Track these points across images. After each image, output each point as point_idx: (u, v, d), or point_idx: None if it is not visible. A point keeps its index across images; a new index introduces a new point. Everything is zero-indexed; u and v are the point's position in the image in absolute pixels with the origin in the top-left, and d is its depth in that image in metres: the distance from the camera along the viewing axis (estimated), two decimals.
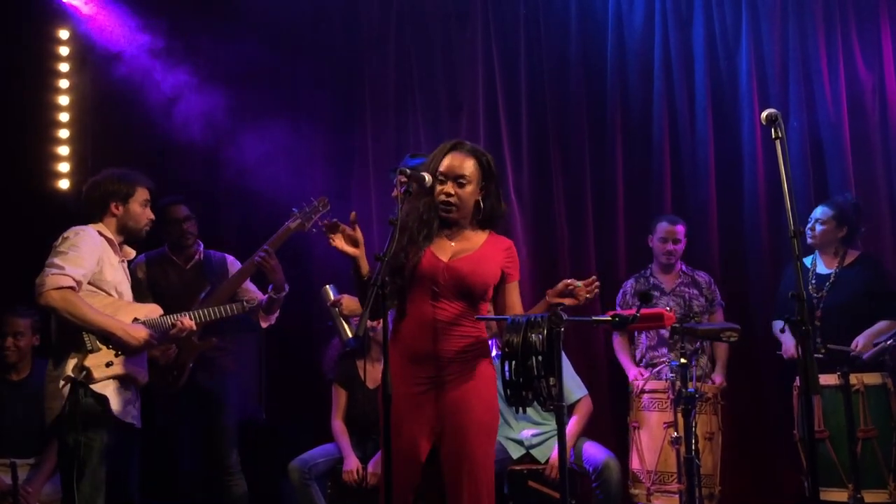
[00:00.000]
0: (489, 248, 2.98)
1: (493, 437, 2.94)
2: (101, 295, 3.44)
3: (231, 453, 4.21)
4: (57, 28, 5.40)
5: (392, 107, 5.57)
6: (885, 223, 5.14)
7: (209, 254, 4.44)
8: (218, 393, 4.24)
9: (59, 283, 3.26)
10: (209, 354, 4.22)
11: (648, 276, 4.91)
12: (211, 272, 4.32)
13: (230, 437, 4.24)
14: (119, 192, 3.60)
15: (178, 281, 4.31)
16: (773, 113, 2.93)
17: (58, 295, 3.26)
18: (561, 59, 5.57)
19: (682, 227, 4.87)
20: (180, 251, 4.38)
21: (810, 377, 2.70)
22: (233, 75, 5.33)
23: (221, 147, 5.34)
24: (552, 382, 2.55)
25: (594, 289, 2.82)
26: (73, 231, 3.46)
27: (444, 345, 2.85)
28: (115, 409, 3.34)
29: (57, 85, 5.39)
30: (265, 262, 4.03)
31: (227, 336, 4.36)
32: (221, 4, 5.54)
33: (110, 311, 3.42)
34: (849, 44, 5.31)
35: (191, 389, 4.18)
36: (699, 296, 4.79)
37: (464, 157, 2.94)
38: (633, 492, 4.31)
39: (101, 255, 3.46)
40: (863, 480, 3.88)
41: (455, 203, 2.91)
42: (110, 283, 3.47)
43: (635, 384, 4.43)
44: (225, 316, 3.94)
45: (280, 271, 4.06)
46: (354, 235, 2.82)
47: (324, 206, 4.11)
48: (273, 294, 4.08)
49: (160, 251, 4.42)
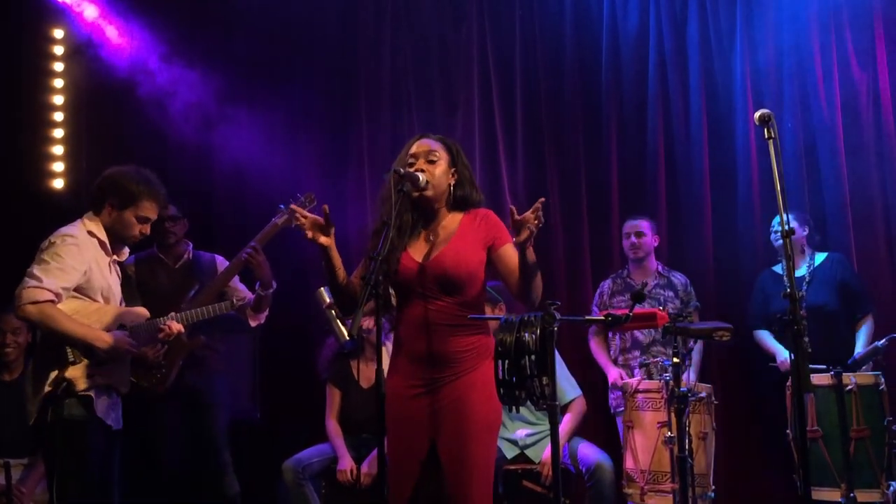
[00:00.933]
0: (466, 229, 2.93)
1: (494, 435, 2.91)
2: (87, 301, 3.35)
3: (222, 453, 4.20)
4: (51, 27, 5.41)
5: (387, 107, 5.58)
6: (878, 224, 5.15)
7: (198, 254, 4.44)
8: (207, 393, 4.24)
9: (36, 297, 3.17)
10: (198, 354, 4.21)
11: (625, 277, 4.95)
12: (200, 272, 4.31)
13: (221, 438, 4.23)
14: (124, 194, 3.42)
15: (167, 280, 4.31)
16: (766, 113, 2.94)
17: (34, 309, 3.17)
18: (556, 59, 5.59)
19: (647, 222, 4.91)
20: (167, 250, 4.37)
21: (802, 375, 2.71)
22: (227, 74, 5.33)
23: (215, 146, 5.35)
24: (545, 382, 2.54)
25: (539, 214, 2.70)
26: (60, 237, 3.32)
27: (440, 346, 2.84)
28: (99, 413, 3.30)
29: (51, 84, 5.39)
30: (252, 258, 4.00)
31: (217, 336, 4.36)
32: (217, 3, 5.54)
33: (95, 318, 3.33)
34: (843, 45, 5.32)
35: (180, 390, 4.16)
36: (674, 297, 4.81)
37: (431, 140, 2.99)
38: (627, 491, 4.31)
39: (89, 261, 3.34)
40: (855, 480, 3.89)
41: (428, 178, 2.89)
42: (97, 289, 3.37)
43: (625, 386, 4.43)
44: (213, 315, 3.90)
45: (267, 267, 4.03)
46: (324, 224, 2.82)
47: (310, 202, 4.09)
48: (261, 291, 4.05)
49: (150, 251, 4.41)
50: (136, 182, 3.44)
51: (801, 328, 2.76)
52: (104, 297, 3.41)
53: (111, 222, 3.45)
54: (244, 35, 5.53)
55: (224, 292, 4.19)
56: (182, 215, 4.41)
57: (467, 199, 2.98)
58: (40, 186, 5.26)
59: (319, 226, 2.83)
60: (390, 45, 5.60)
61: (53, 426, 3.19)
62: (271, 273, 4.06)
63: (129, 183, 3.44)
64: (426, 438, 2.84)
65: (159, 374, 4.05)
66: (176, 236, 4.37)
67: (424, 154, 2.94)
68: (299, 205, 4.09)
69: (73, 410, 3.24)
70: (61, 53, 5.42)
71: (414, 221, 2.97)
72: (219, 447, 4.21)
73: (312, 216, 2.84)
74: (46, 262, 3.24)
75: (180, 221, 4.39)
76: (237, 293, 4.22)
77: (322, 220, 2.83)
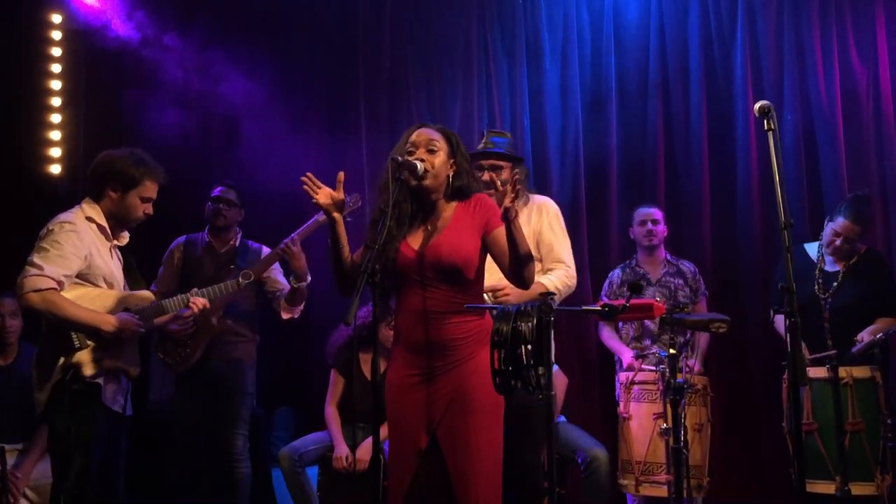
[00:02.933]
0: (461, 215, 2.92)
1: (499, 421, 2.88)
2: (89, 287, 3.34)
3: (237, 439, 4.21)
4: (49, 12, 5.38)
5: (385, 94, 5.57)
6: (876, 216, 5.14)
7: (246, 242, 4.48)
8: (232, 379, 4.24)
9: (38, 286, 3.17)
10: (227, 339, 4.22)
11: (634, 266, 4.92)
12: (243, 259, 4.34)
13: (240, 424, 4.23)
14: (125, 177, 3.40)
15: (211, 264, 4.36)
16: (766, 105, 2.92)
17: (37, 297, 3.17)
18: (557, 48, 5.57)
19: (659, 211, 4.90)
20: (216, 234, 4.41)
21: (798, 369, 2.70)
22: (227, 56, 5.33)
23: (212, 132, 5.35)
24: (541, 371, 2.54)
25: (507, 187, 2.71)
26: (58, 224, 3.30)
27: (438, 334, 2.83)
28: (105, 399, 3.31)
29: (49, 69, 5.37)
30: (288, 250, 4.03)
31: (252, 326, 4.38)
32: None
33: (98, 303, 3.33)
34: (844, 37, 5.30)
35: (205, 372, 4.19)
36: (684, 286, 4.80)
37: (431, 130, 2.98)
38: (622, 482, 4.32)
39: (90, 247, 3.33)
40: (850, 473, 3.88)
41: (428, 167, 2.88)
42: (99, 275, 3.36)
43: (629, 372, 4.42)
44: (221, 294, 3.87)
45: (303, 260, 4.06)
46: (338, 197, 2.87)
47: (355, 203, 4.04)
48: (294, 283, 4.10)
49: (201, 234, 4.47)
50: (134, 164, 3.43)
51: (797, 320, 2.75)
52: (107, 283, 3.40)
53: (114, 207, 3.44)
54: (244, 22, 5.52)
55: (263, 281, 4.25)
56: (240, 204, 4.44)
57: (466, 189, 2.97)
58: (38, 171, 5.24)
59: (334, 199, 2.86)
60: (390, 36, 5.60)
61: (60, 414, 3.19)
62: (307, 267, 4.09)
63: (129, 166, 3.42)
64: (426, 428, 2.82)
65: (183, 353, 4.07)
66: (226, 220, 4.40)
67: (424, 143, 2.92)
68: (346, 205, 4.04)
69: (80, 399, 3.23)
70: (59, 38, 5.39)
71: (413, 211, 2.95)
72: (235, 432, 4.21)
73: (328, 188, 2.87)
74: (46, 249, 3.24)
75: (235, 208, 4.43)
76: (276, 284, 4.28)
77: (339, 195, 2.87)
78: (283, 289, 4.25)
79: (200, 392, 4.22)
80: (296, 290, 4.13)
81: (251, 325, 4.38)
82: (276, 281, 4.30)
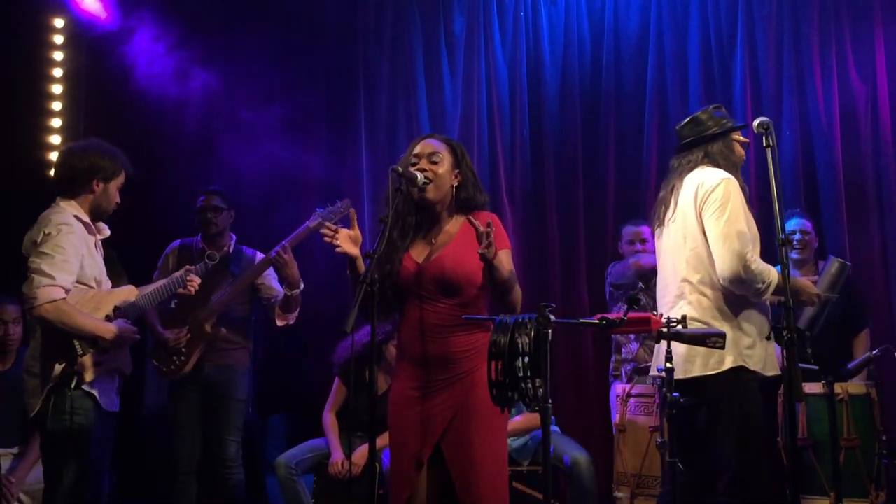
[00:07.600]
0: (467, 232, 2.86)
1: (502, 434, 2.88)
2: (83, 289, 3.32)
3: (230, 446, 4.19)
4: (52, 17, 5.38)
5: (385, 94, 5.58)
6: (874, 233, 5.17)
7: (241, 248, 4.44)
8: (227, 386, 4.22)
9: (53, 296, 3.14)
10: (221, 346, 4.22)
11: None
12: (237, 265, 4.33)
13: (233, 431, 4.21)
14: (107, 168, 3.41)
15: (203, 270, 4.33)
16: (765, 121, 2.94)
17: (52, 307, 3.15)
18: (557, 61, 5.59)
19: (648, 227, 4.88)
20: (210, 241, 4.38)
21: (794, 385, 2.71)
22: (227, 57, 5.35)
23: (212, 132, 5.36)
24: (538, 384, 2.54)
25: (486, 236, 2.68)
26: (55, 227, 3.24)
27: (440, 347, 2.82)
28: (102, 401, 3.31)
29: (50, 57, 5.36)
30: (279, 258, 4.02)
31: (246, 334, 4.36)
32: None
33: (93, 306, 3.32)
34: (843, 54, 5.34)
35: (200, 380, 4.17)
36: None
37: (435, 141, 2.97)
38: (617, 495, 4.32)
39: (84, 247, 3.32)
40: (845, 489, 3.89)
41: (431, 178, 2.87)
42: (90, 276, 3.34)
43: (626, 385, 4.41)
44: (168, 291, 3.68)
45: (294, 267, 4.05)
46: (355, 235, 2.84)
47: (346, 209, 4.04)
48: (287, 291, 4.10)
49: (195, 238, 4.44)
50: (110, 154, 3.46)
51: (793, 336, 2.76)
52: (97, 282, 3.39)
53: (98, 199, 3.43)
54: (245, 17, 5.53)
55: (257, 288, 4.25)
56: (227, 207, 4.41)
57: (471, 201, 2.95)
58: (37, 159, 5.21)
59: (353, 239, 2.84)
60: (390, 39, 5.61)
61: (60, 419, 3.18)
62: (298, 274, 4.09)
63: (108, 155, 3.45)
64: (428, 442, 2.81)
65: (178, 360, 4.07)
66: (217, 227, 4.37)
67: (427, 155, 2.91)
68: (336, 210, 4.03)
69: (77, 404, 3.22)
70: (61, 26, 5.38)
71: (417, 224, 2.95)
72: (228, 439, 4.19)
73: (345, 230, 2.83)
74: (50, 255, 3.19)
75: (223, 212, 4.39)
76: (270, 290, 4.27)
77: (354, 233, 2.84)
78: (278, 295, 4.24)
79: (194, 399, 4.22)
80: (289, 298, 4.14)
81: (245, 331, 4.35)
82: (270, 288, 4.29)
